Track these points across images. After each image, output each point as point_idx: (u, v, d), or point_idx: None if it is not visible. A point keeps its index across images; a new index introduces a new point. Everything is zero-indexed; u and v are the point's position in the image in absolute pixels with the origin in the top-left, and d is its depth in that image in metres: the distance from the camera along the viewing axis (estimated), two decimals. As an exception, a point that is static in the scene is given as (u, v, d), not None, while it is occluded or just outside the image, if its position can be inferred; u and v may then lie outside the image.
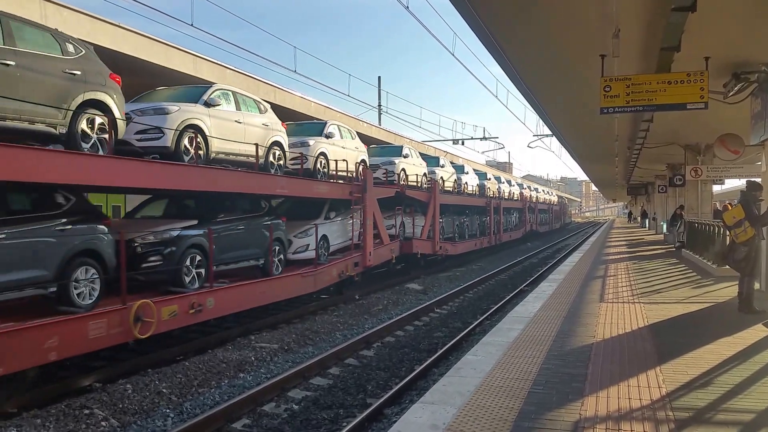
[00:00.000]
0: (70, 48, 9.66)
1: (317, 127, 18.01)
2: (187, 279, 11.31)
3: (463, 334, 13.07)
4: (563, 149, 33.54)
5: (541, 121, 25.85)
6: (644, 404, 5.61)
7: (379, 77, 42.86)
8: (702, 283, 14.15)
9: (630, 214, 72.62)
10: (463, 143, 42.39)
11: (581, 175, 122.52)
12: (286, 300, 14.31)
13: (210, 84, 14.03)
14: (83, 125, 9.26)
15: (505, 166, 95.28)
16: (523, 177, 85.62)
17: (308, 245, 16.21)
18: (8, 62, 8.36)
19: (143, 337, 9.67)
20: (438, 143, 42.65)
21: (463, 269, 27.26)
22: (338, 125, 19.08)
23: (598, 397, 5.80)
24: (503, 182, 41.93)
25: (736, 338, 8.33)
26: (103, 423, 8.06)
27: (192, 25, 15.77)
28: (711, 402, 5.69)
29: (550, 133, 30.31)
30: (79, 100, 9.39)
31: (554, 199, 69.15)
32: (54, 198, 9.24)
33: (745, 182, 11.20)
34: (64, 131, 8.94)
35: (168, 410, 8.67)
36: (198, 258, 11.56)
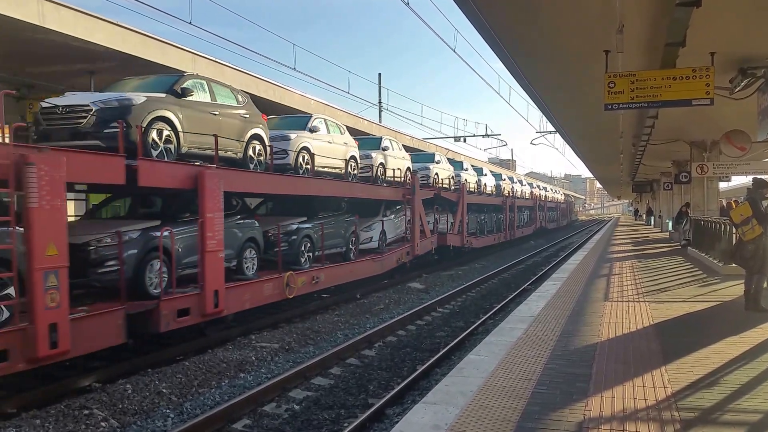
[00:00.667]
0: (240, 98, 13.89)
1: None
2: (302, 259, 15.41)
3: (465, 333, 13.06)
4: (567, 146, 33.56)
5: (544, 117, 25.82)
6: (649, 404, 5.59)
7: (380, 74, 42.69)
8: (708, 282, 14.13)
9: (636, 211, 72.59)
10: (465, 140, 42.33)
11: (585, 173, 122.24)
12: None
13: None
14: (250, 152, 13.48)
15: (509, 164, 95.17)
16: (526, 174, 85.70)
17: (372, 237, 20.53)
18: (215, 113, 12.63)
19: (290, 297, 14.19)
20: (439, 140, 42.61)
21: (466, 268, 27.24)
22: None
23: (603, 397, 5.79)
24: (516, 182, 45.43)
25: (742, 337, 8.31)
26: (103, 423, 8.07)
27: (191, 23, 15.77)
28: (717, 402, 5.67)
29: (553, 129, 30.29)
30: (249, 134, 13.74)
31: (561, 197, 73.71)
32: (230, 201, 12.90)
33: (751, 179, 11.15)
34: (241, 155, 13.23)
35: (168, 410, 8.67)
36: (308, 244, 15.73)
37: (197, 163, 11.62)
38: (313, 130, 16.84)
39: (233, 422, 8.20)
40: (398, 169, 22.16)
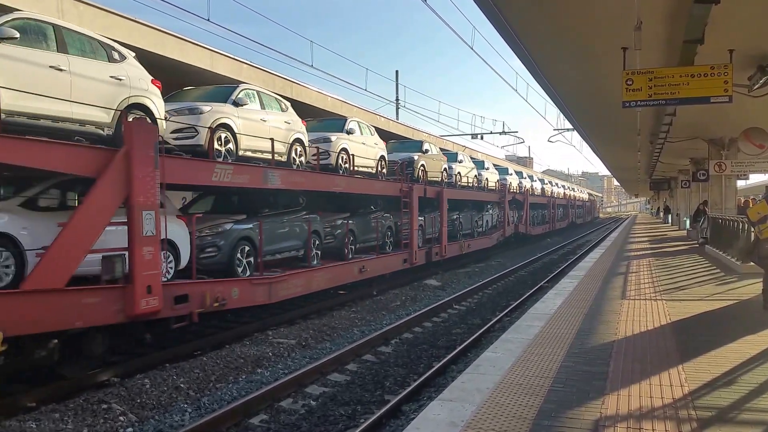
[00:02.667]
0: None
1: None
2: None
3: (481, 330, 13.04)
4: (584, 144, 33.40)
5: (561, 115, 25.70)
6: (666, 403, 5.56)
7: (397, 71, 42.50)
8: (726, 280, 14.01)
9: (658, 209, 72.05)
10: (482, 138, 42.12)
11: (602, 170, 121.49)
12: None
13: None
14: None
15: (526, 161, 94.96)
16: (543, 172, 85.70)
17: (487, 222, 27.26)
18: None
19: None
20: (456, 137, 42.52)
21: (482, 265, 27.20)
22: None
23: (620, 396, 5.77)
24: (554, 185, 56.24)
25: (761, 336, 8.24)
26: (121, 417, 8.15)
27: (209, 20, 15.77)
28: (734, 401, 5.63)
29: (570, 127, 30.12)
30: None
31: (586, 197, 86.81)
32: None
33: (769, 177, 11.06)
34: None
35: (186, 405, 8.75)
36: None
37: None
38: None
39: (250, 417, 8.25)
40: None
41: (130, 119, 9.74)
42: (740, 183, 28.68)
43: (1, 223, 8.13)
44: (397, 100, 39.71)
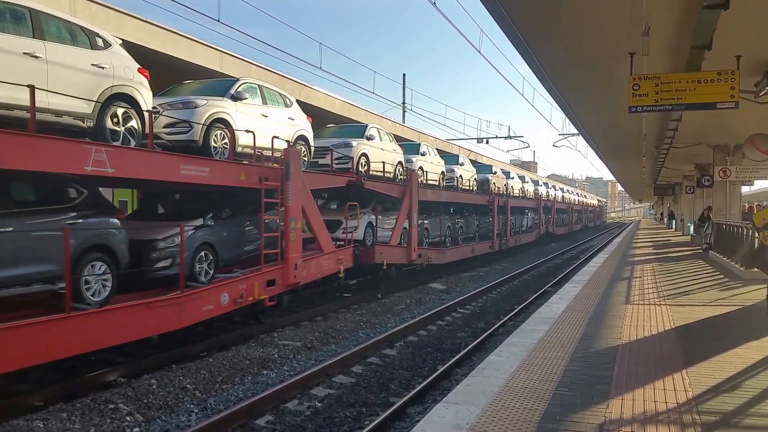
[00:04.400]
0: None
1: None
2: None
3: (486, 334, 13.04)
4: (589, 148, 33.42)
5: (567, 120, 25.69)
6: (670, 407, 5.56)
7: (404, 75, 42.77)
8: (730, 286, 13.96)
9: (662, 215, 71.66)
10: (487, 142, 42.19)
11: (607, 175, 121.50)
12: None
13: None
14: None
15: (530, 165, 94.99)
16: (548, 176, 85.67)
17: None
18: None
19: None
20: (462, 141, 42.62)
21: (487, 269, 27.18)
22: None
23: (624, 400, 5.77)
24: (572, 193, 64.65)
25: (764, 342, 8.22)
26: (128, 417, 8.16)
27: (219, 21, 15.85)
28: (738, 406, 5.62)
29: (576, 132, 30.11)
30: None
31: (596, 203, 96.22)
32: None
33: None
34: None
35: (192, 406, 8.77)
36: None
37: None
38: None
39: (256, 418, 8.27)
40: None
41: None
42: (744, 189, 28.71)
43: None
44: (404, 103, 39.77)
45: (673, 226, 47.74)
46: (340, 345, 12.46)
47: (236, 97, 12.36)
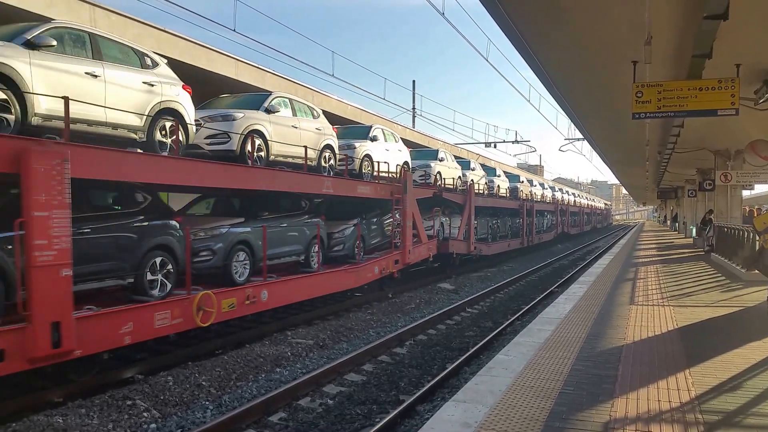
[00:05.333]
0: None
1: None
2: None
3: (494, 333, 13.01)
4: (594, 153, 33.36)
5: (572, 125, 25.64)
6: (674, 406, 5.54)
7: (414, 81, 42.63)
8: (731, 287, 13.88)
9: (665, 218, 70.79)
10: (495, 146, 42.16)
11: (611, 179, 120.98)
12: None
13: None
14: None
15: (536, 169, 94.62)
16: (554, 180, 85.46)
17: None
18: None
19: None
20: (471, 146, 42.57)
21: (494, 269, 27.10)
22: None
23: (628, 399, 5.75)
24: (584, 198, 72.44)
25: (765, 342, 8.17)
26: (145, 414, 8.20)
27: (234, 30, 15.93)
28: (741, 405, 5.60)
29: (581, 137, 30.03)
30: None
31: (603, 206, 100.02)
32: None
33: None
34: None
35: (207, 402, 8.80)
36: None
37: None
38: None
39: (270, 415, 8.28)
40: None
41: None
42: (745, 193, 28.51)
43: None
44: (414, 108, 39.69)
45: (676, 228, 47.53)
46: (351, 343, 12.47)
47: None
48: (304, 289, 13.58)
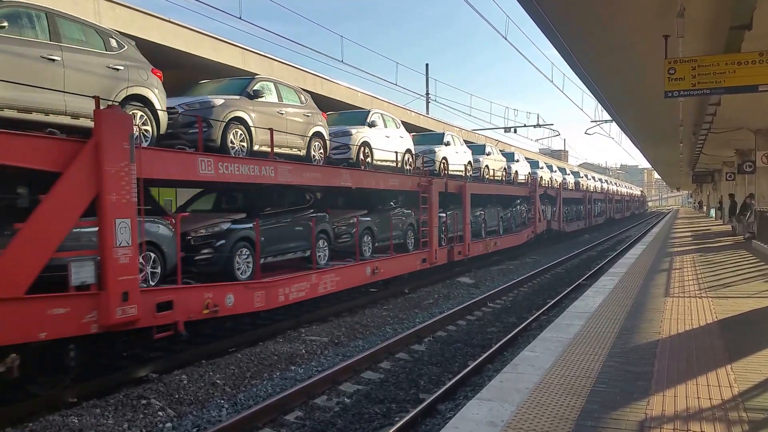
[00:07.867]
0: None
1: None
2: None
3: (518, 329, 12.95)
4: (623, 135, 33.00)
5: (599, 106, 25.42)
6: (715, 404, 5.46)
7: (427, 65, 42.39)
8: (775, 277, 13.71)
9: (700, 203, 69.67)
10: (515, 131, 41.79)
11: (642, 163, 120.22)
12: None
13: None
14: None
15: (560, 154, 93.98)
16: (580, 165, 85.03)
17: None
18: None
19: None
20: (489, 131, 42.37)
21: (517, 262, 26.98)
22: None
23: (665, 396, 5.68)
24: (621, 186, 79.90)
25: (813, 335, 8.05)
26: (160, 413, 8.33)
27: (240, 18, 15.95)
28: (788, 403, 5.51)
29: (609, 118, 29.77)
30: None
31: (638, 193, 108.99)
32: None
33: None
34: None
35: (222, 401, 8.91)
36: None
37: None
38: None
39: (285, 414, 8.34)
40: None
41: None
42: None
43: None
44: (427, 94, 39.41)
45: (713, 215, 47.04)
46: (367, 340, 12.48)
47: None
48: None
